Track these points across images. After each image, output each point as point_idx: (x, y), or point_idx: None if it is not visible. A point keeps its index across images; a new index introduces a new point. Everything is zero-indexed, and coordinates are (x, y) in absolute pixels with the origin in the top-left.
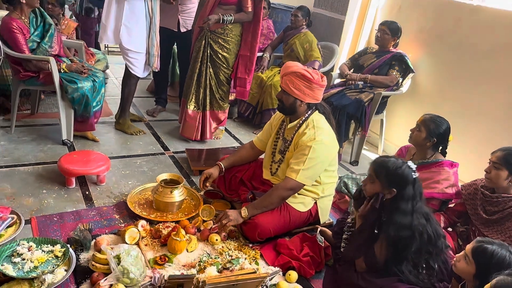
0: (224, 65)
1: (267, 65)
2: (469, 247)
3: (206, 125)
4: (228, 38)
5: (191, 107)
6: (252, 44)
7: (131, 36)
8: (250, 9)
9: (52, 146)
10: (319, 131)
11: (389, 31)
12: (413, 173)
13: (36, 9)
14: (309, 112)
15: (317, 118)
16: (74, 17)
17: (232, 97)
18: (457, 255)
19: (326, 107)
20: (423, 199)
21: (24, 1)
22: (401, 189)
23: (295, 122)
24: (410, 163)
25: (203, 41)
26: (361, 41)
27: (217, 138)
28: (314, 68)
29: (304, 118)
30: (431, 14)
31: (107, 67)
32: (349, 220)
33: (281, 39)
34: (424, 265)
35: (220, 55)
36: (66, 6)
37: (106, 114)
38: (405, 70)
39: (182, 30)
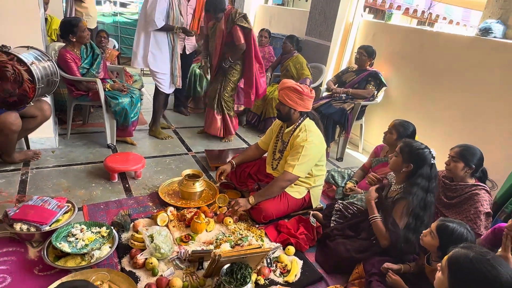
0: (231, 85)
1: (268, 82)
2: (434, 225)
3: (228, 124)
4: (234, 68)
5: (215, 111)
6: (249, 67)
7: (156, 61)
8: (242, 41)
9: (99, 149)
10: (310, 134)
11: (366, 53)
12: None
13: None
14: (302, 118)
15: (308, 123)
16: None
17: (241, 108)
18: (424, 231)
19: (315, 115)
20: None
21: (74, 40)
22: (418, 167)
23: (290, 127)
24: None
25: (220, 71)
26: (343, 62)
27: (229, 140)
28: (306, 84)
29: (297, 124)
30: (399, 39)
31: (142, 86)
32: (336, 205)
33: (278, 62)
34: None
35: (230, 77)
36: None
37: (142, 123)
38: (379, 84)
39: (187, 52)
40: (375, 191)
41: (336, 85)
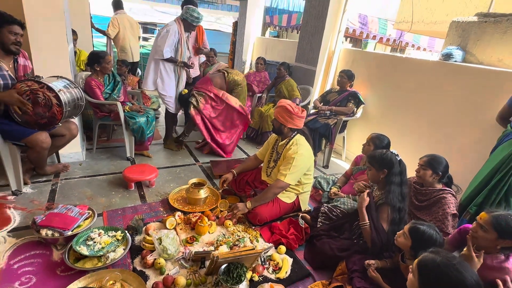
0: None
1: (264, 102)
2: (406, 227)
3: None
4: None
5: None
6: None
7: (164, 86)
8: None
9: (120, 161)
10: (300, 147)
11: (346, 76)
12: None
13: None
14: (293, 134)
15: (299, 138)
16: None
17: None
18: (398, 232)
19: (306, 131)
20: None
21: (98, 69)
22: (390, 168)
23: (284, 141)
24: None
25: None
26: (327, 83)
27: None
28: (295, 103)
29: (290, 138)
30: (374, 64)
31: (159, 106)
32: (322, 208)
33: (273, 84)
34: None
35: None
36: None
37: (157, 138)
38: (358, 102)
39: (189, 81)
40: (366, 196)
41: (321, 104)
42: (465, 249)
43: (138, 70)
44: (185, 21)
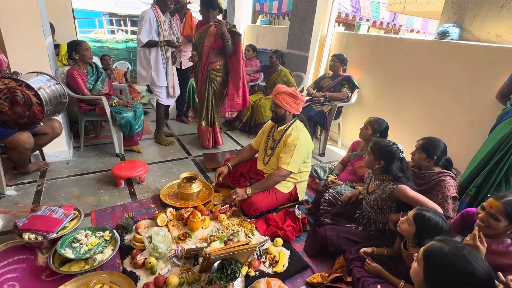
0: (217, 87)
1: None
2: (411, 213)
3: (217, 135)
4: (220, 71)
5: (203, 124)
6: (237, 68)
7: (156, 76)
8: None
9: (109, 158)
10: (301, 133)
11: (338, 60)
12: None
13: (93, 63)
14: (294, 119)
15: (299, 124)
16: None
17: (234, 114)
18: (401, 218)
19: (303, 116)
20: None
21: (77, 57)
22: (389, 162)
23: (282, 127)
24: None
25: (208, 78)
26: (320, 69)
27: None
28: None
29: (290, 124)
30: (368, 47)
31: (149, 101)
32: (326, 195)
33: (263, 74)
34: None
35: (217, 82)
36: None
37: (148, 133)
38: (353, 87)
39: (183, 67)
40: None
41: (315, 90)
42: (468, 237)
43: (128, 65)
44: (159, 2)
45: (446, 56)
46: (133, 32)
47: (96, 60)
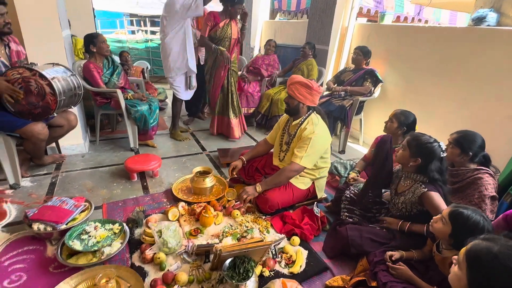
0: (236, 79)
1: (276, 84)
2: (446, 210)
3: (243, 122)
4: (235, 62)
5: (232, 116)
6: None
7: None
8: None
9: (124, 152)
10: (317, 127)
11: (362, 53)
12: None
13: (108, 57)
14: (309, 112)
15: (315, 117)
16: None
17: (250, 110)
18: (434, 217)
19: (321, 109)
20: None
21: (95, 50)
22: (427, 161)
23: (298, 120)
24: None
25: (229, 70)
26: (341, 63)
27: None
28: None
29: (305, 117)
30: (393, 38)
31: (166, 97)
32: (347, 192)
33: (291, 67)
34: None
35: (235, 73)
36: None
37: (163, 128)
38: (376, 81)
39: (201, 63)
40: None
41: (335, 85)
42: None
43: (147, 64)
44: None
45: (483, 44)
46: (152, 32)
47: (115, 58)
